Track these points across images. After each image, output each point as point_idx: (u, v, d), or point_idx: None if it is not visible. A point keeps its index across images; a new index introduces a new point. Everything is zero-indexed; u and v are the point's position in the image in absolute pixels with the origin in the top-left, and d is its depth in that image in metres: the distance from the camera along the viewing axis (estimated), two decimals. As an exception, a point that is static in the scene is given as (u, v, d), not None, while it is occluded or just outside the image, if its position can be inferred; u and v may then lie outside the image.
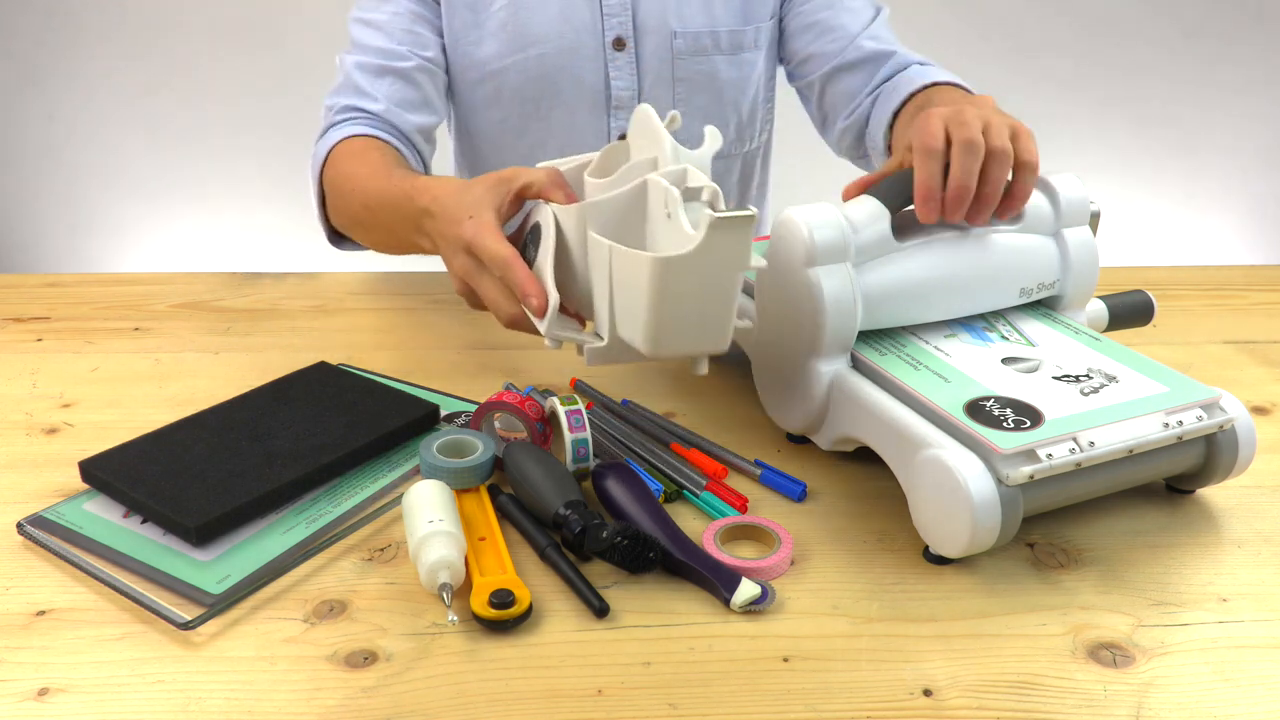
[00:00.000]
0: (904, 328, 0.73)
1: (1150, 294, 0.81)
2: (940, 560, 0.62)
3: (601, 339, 0.68)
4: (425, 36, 1.05)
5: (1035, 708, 0.52)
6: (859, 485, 0.70)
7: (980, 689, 0.53)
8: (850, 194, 0.74)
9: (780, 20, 1.13)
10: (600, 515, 0.62)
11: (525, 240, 0.74)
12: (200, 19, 2.38)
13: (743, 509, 0.67)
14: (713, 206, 0.61)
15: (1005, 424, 0.61)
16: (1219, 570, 0.62)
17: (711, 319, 0.63)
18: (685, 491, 0.69)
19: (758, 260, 0.63)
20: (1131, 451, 0.61)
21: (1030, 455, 0.59)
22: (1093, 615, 0.58)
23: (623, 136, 0.79)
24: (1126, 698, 0.52)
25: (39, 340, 0.93)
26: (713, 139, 0.69)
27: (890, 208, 0.70)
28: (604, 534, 0.60)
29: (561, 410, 0.69)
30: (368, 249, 0.99)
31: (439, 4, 1.05)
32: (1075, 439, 0.60)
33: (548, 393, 0.80)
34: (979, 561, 0.63)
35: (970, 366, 0.68)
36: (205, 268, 2.57)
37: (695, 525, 0.65)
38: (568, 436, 0.68)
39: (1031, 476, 0.59)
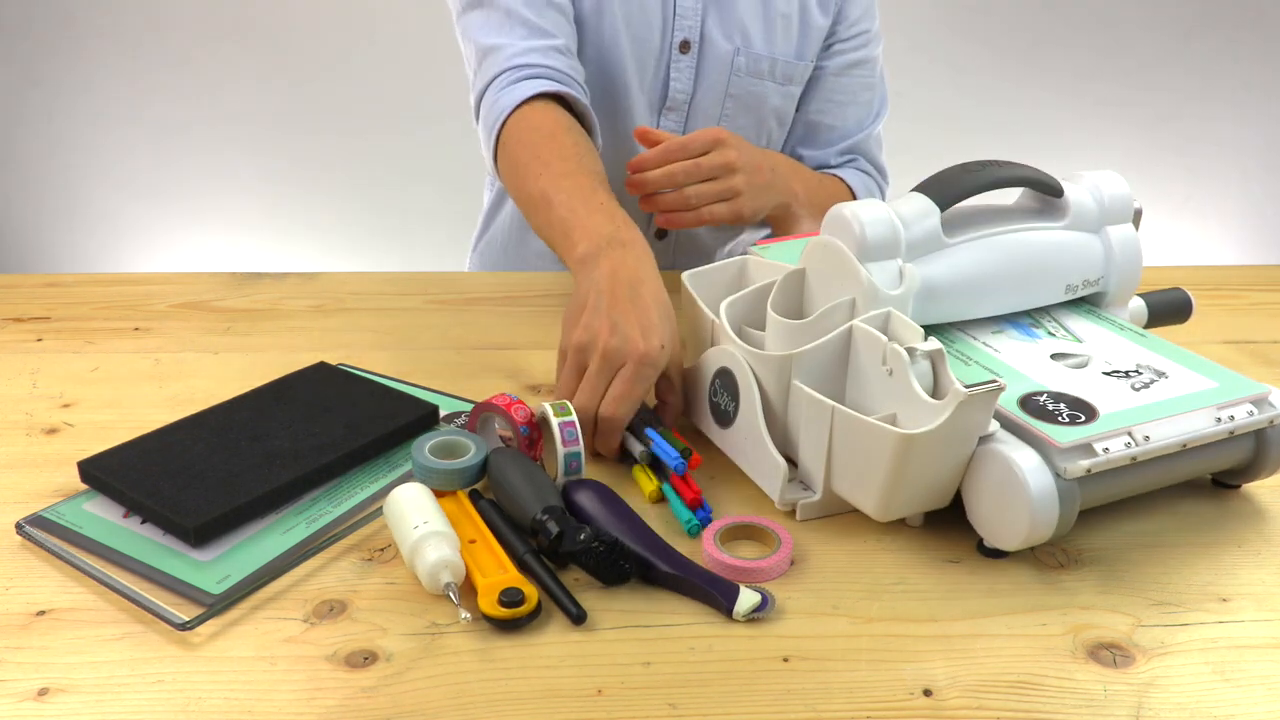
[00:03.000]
0: (953, 324, 0.73)
1: (1188, 291, 0.81)
2: (996, 554, 0.62)
3: (813, 493, 0.66)
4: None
5: (1035, 708, 0.52)
6: (859, 485, 0.70)
7: (980, 689, 0.53)
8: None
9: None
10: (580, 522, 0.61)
11: (713, 383, 0.71)
12: (200, 19, 2.38)
13: (694, 504, 0.66)
14: (936, 365, 0.60)
15: (1060, 418, 0.61)
16: (1219, 570, 0.62)
17: (943, 482, 0.62)
18: (664, 486, 0.68)
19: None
20: (1185, 446, 0.62)
21: (1087, 449, 0.59)
22: (1093, 615, 0.58)
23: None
24: (1126, 698, 0.52)
25: (39, 340, 0.93)
26: (910, 278, 0.67)
27: (939, 204, 0.70)
28: (581, 535, 0.59)
29: (554, 421, 0.67)
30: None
31: None
32: (1130, 433, 0.61)
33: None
34: (979, 562, 0.63)
35: (1021, 362, 0.68)
36: (205, 268, 2.58)
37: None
38: (560, 450, 0.67)
39: (1089, 470, 0.59)
